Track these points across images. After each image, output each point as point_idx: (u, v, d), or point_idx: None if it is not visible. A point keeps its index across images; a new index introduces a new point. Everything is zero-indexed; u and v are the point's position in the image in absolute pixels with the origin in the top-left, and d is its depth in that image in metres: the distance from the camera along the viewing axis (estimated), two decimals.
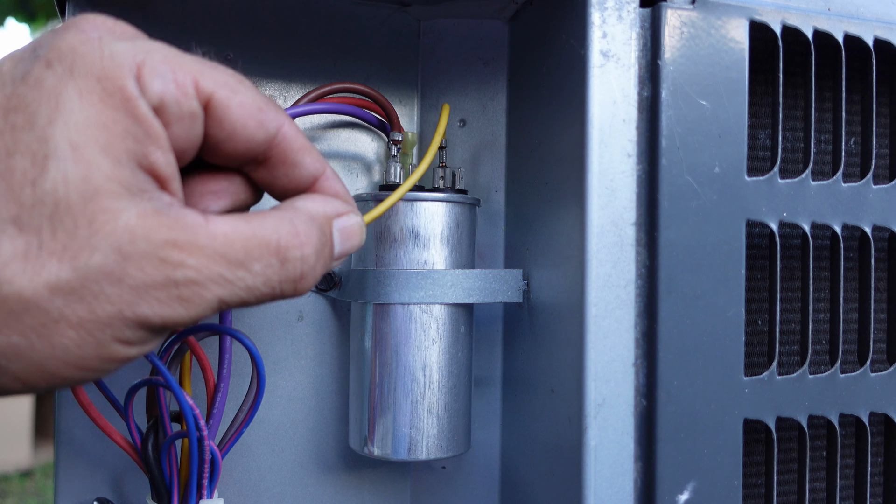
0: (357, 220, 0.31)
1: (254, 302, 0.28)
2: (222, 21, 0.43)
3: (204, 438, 0.34)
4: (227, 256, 0.26)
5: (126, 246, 0.25)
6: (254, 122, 0.29)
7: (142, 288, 0.25)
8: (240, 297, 0.27)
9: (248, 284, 0.27)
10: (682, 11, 0.36)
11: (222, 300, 0.27)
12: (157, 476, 0.36)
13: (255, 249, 0.27)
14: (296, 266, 0.28)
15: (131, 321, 0.25)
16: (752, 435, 0.39)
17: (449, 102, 0.46)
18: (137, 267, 0.25)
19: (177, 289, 0.26)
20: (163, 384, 0.34)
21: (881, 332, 0.43)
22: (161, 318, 0.26)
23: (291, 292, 0.29)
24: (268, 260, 0.27)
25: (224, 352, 0.37)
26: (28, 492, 2.61)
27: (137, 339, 0.26)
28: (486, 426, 0.46)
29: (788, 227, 0.38)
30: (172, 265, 0.26)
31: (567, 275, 0.37)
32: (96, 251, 0.25)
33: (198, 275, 0.26)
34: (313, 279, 0.29)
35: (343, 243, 0.31)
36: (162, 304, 0.26)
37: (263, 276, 0.27)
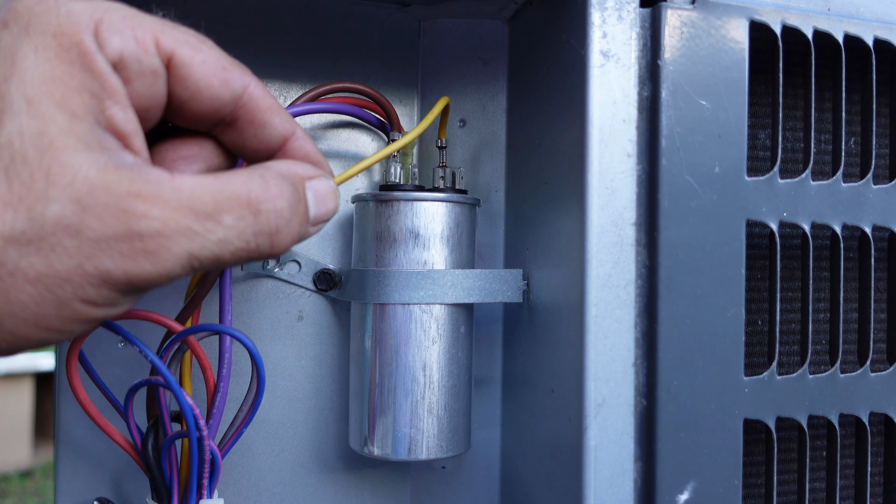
0: (330, 184, 0.31)
1: (229, 259, 0.27)
2: (222, 21, 0.43)
3: (204, 438, 0.34)
4: (194, 208, 0.26)
5: (85, 197, 0.24)
6: (218, 80, 0.28)
7: (102, 240, 0.24)
8: (212, 251, 0.26)
9: (220, 237, 0.26)
10: (682, 11, 0.36)
11: (192, 255, 0.25)
12: (157, 476, 0.36)
13: (225, 202, 0.26)
14: (270, 219, 0.27)
15: (93, 276, 0.24)
16: (752, 435, 0.39)
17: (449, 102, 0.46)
18: (97, 218, 0.24)
19: (141, 241, 0.25)
20: (163, 384, 0.34)
21: (881, 332, 0.43)
22: (125, 273, 0.25)
23: (268, 248, 0.27)
24: (239, 212, 0.26)
25: (224, 352, 0.37)
26: (28, 492, 2.61)
27: (102, 299, 0.25)
28: (486, 426, 0.46)
29: (788, 227, 0.38)
30: (135, 216, 0.25)
31: (567, 275, 0.37)
32: (53, 202, 0.24)
33: (163, 226, 0.25)
34: (290, 236, 0.28)
35: (318, 206, 0.30)
36: (125, 258, 0.25)
37: (236, 228, 0.26)
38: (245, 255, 0.27)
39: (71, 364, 0.34)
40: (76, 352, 0.34)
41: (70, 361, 0.34)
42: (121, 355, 0.41)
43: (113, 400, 0.37)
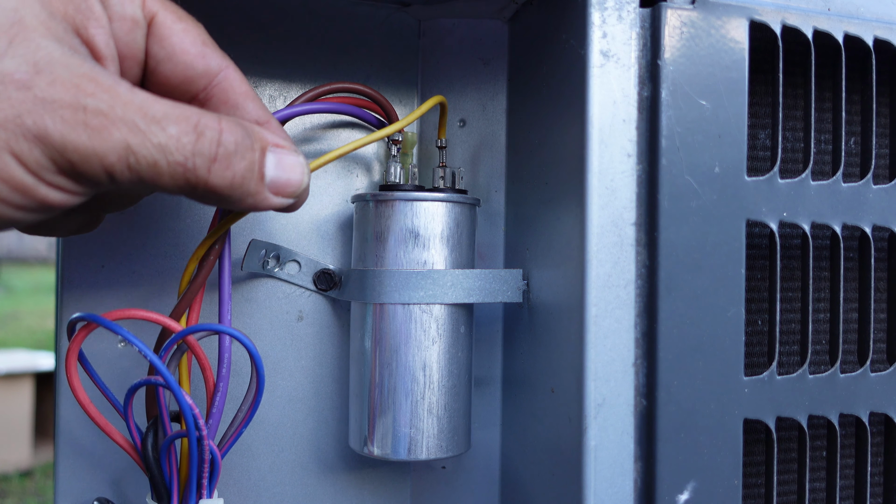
0: (299, 158, 0.31)
1: (166, 171, 0.27)
2: (222, 21, 0.43)
3: (203, 438, 0.34)
4: (143, 109, 0.26)
5: (42, 64, 0.25)
6: (195, 49, 0.30)
7: (48, 101, 0.25)
8: (150, 153, 0.26)
9: (161, 142, 0.26)
10: (682, 11, 0.36)
11: (130, 147, 0.26)
12: (157, 476, 0.36)
13: (174, 116, 0.27)
14: (211, 145, 0.28)
15: (29, 130, 0.25)
16: (752, 435, 0.39)
17: (449, 102, 0.46)
18: (48, 83, 0.25)
19: (84, 113, 0.25)
20: (162, 384, 0.34)
21: (881, 332, 0.43)
22: (61, 136, 0.25)
23: (205, 174, 0.28)
24: (184, 128, 0.27)
25: (223, 351, 0.37)
26: (28, 492, 2.61)
27: (33, 160, 0.25)
28: (486, 426, 0.46)
29: (788, 227, 0.38)
30: (85, 92, 0.25)
31: (567, 275, 0.37)
32: (10, 58, 0.25)
33: (109, 110, 0.26)
34: (230, 174, 0.28)
35: (279, 171, 0.30)
36: (65, 123, 0.25)
37: (177, 140, 0.27)
38: (181, 174, 0.27)
39: (70, 364, 0.34)
40: (76, 352, 0.34)
41: (69, 361, 0.34)
42: (121, 355, 0.41)
43: (112, 400, 0.37)
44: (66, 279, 0.41)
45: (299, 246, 0.44)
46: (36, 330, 4.70)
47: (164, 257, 0.42)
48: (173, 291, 0.42)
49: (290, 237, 0.44)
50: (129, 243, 0.42)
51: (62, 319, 0.41)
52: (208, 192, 0.28)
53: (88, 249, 0.41)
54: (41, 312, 5.27)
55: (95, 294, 0.41)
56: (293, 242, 0.44)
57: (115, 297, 0.42)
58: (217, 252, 0.37)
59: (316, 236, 0.45)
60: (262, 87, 0.44)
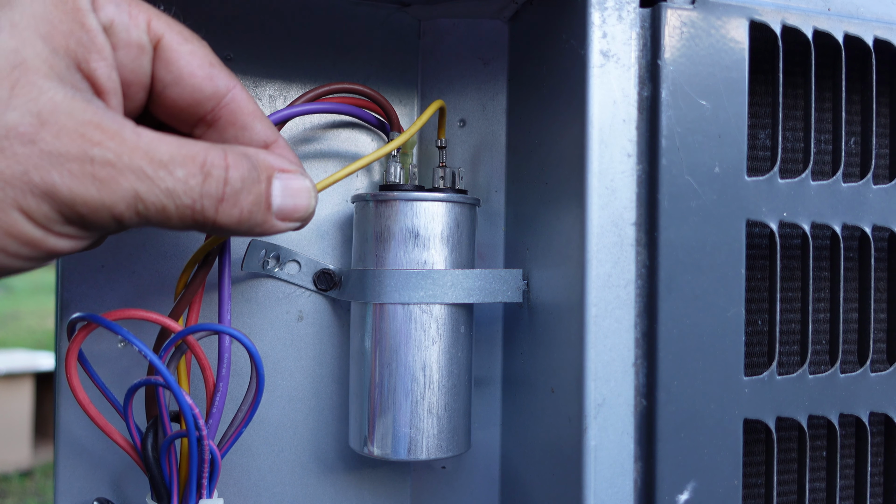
0: (305, 182, 0.31)
1: (174, 215, 0.27)
2: (222, 21, 0.43)
3: (203, 438, 0.34)
4: (149, 154, 0.26)
5: (46, 114, 0.25)
6: (203, 72, 0.30)
7: (55, 155, 0.25)
8: (159, 198, 0.26)
9: (168, 187, 0.26)
10: (682, 11, 0.36)
11: (139, 195, 0.26)
12: (157, 476, 0.36)
13: (180, 157, 0.27)
14: (218, 185, 0.28)
15: (37, 186, 0.25)
16: (752, 435, 0.39)
17: (449, 102, 0.46)
18: (54, 135, 0.25)
19: (91, 165, 0.25)
20: (162, 384, 0.34)
21: (881, 332, 0.43)
22: (70, 191, 0.25)
23: (212, 215, 0.28)
24: (192, 170, 0.27)
25: (223, 351, 0.37)
26: (28, 492, 2.61)
27: (41, 215, 0.25)
28: (486, 426, 0.46)
29: (788, 227, 0.38)
30: (91, 142, 0.25)
31: (567, 275, 0.37)
32: (13, 110, 0.25)
33: (116, 159, 0.25)
34: (237, 212, 0.28)
35: (286, 198, 0.30)
36: (73, 177, 0.25)
37: (185, 183, 0.27)
38: (189, 216, 0.27)
39: (70, 364, 0.34)
40: (75, 352, 0.34)
41: (69, 361, 0.34)
42: (121, 355, 0.41)
43: (112, 400, 0.37)
44: (66, 279, 0.41)
45: (299, 246, 0.44)
46: (36, 330, 4.70)
47: (164, 257, 0.42)
48: (173, 292, 0.42)
49: (290, 237, 0.44)
50: (129, 243, 0.42)
51: (62, 319, 0.41)
52: (216, 230, 0.28)
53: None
54: (41, 312, 5.27)
55: (95, 294, 0.41)
56: (293, 242, 0.44)
57: (115, 297, 0.42)
58: (217, 253, 0.37)
59: (316, 236, 0.45)
60: (262, 86, 0.44)
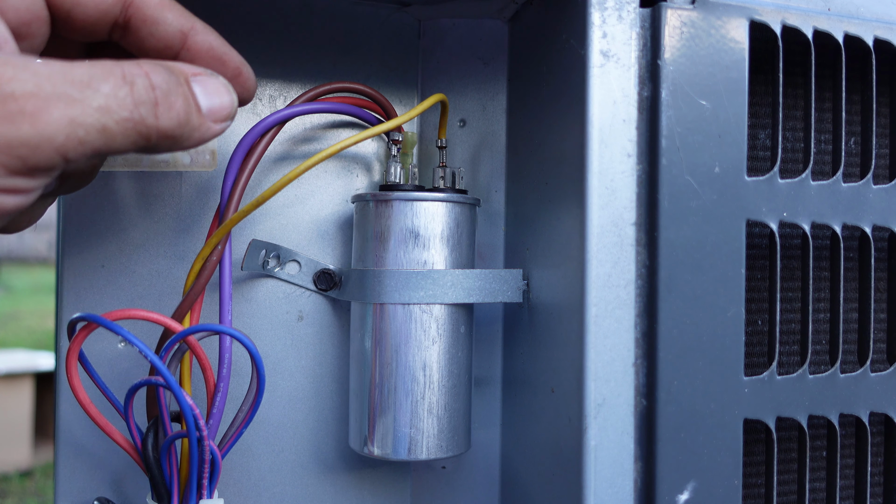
0: (218, 79, 0.30)
1: (119, 133, 0.26)
2: (222, 21, 0.43)
3: (204, 439, 0.34)
4: (68, 76, 0.25)
5: None
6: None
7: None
8: (95, 119, 0.25)
9: (100, 104, 0.25)
10: (682, 11, 0.36)
11: (74, 120, 0.24)
12: (158, 476, 0.36)
13: (99, 74, 0.26)
14: (146, 90, 0.27)
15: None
16: (752, 435, 0.39)
17: (449, 102, 0.46)
18: None
19: (14, 102, 0.23)
20: (163, 385, 0.34)
21: (881, 332, 0.43)
22: (3, 136, 0.23)
23: (153, 120, 0.27)
24: (115, 82, 0.26)
25: (224, 352, 0.37)
26: (28, 492, 2.61)
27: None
28: (486, 426, 0.46)
29: (788, 227, 0.38)
30: (4, 79, 0.24)
31: (567, 275, 0.37)
32: None
33: (36, 88, 0.24)
34: (175, 114, 0.28)
35: (209, 98, 0.30)
36: (2, 121, 0.23)
37: (115, 97, 0.26)
38: (132, 128, 0.26)
39: (71, 364, 0.34)
40: (76, 352, 0.34)
41: (70, 361, 0.34)
42: (120, 355, 0.41)
43: (113, 400, 0.37)
44: (66, 279, 0.41)
45: (299, 246, 0.44)
46: (36, 330, 4.70)
47: (164, 257, 0.42)
48: (173, 292, 0.42)
49: (290, 237, 0.44)
50: (129, 243, 0.42)
51: (62, 319, 0.41)
52: (161, 138, 0.27)
53: (88, 249, 0.41)
54: (41, 312, 5.27)
55: (95, 294, 0.41)
56: (293, 242, 0.44)
57: (115, 297, 0.42)
58: (219, 253, 0.37)
59: (316, 236, 0.45)
60: (262, 86, 0.44)
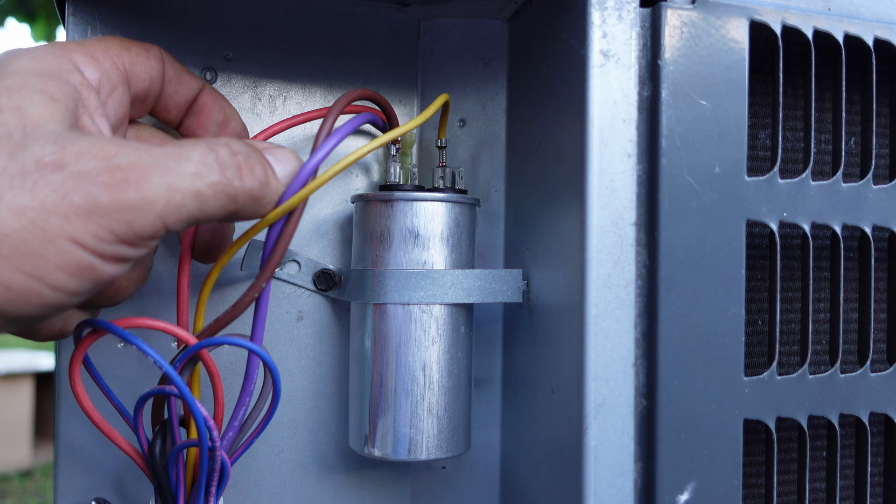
0: (284, 148, 0.32)
1: (209, 194, 0.28)
2: (222, 21, 0.43)
3: (217, 449, 0.34)
4: (162, 150, 0.27)
5: (62, 141, 0.26)
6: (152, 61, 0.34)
7: (85, 173, 0.25)
8: (190, 183, 0.27)
9: (193, 170, 0.27)
10: (682, 11, 0.36)
11: (172, 186, 0.26)
12: (164, 483, 0.35)
13: (188, 145, 0.28)
14: (230, 156, 0.29)
15: (80, 207, 0.25)
16: (752, 435, 0.39)
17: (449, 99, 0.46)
18: (77, 156, 0.25)
19: (121, 172, 0.25)
20: (176, 395, 0.33)
21: (881, 332, 0.43)
22: (112, 200, 0.25)
23: (240, 182, 0.29)
24: (202, 150, 0.28)
25: (252, 367, 0.36)
26: (28, 492, 2.61)
27: (91, 237, 0.25)
28: (486, 426, 0.46)
29: (788, 227, 0.38)
30: (111, 154, 0.26)
31: (567, 275, 0.37)
32: (33, 143, 0.25)
33: (138, 160, 0.26)
34: (256, 176, 0.29)
35: (283, 164, 0.31)
36: (110, 188, 0.25)
37: (204, 163, 0.28)
38: (222, 191, 0.28)
39: (74, 370, 0.33)
40: (80, 358, 0.33)
41: (74, 367, 0.33)
42: (120, 357, 0.41)
43: (119, 407, 0.36)
44: None
45: (299, 246, 0.44)
46: None
47: (164, 258, 0.42)
48: (173, 294, 0.42)
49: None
50: None
51: None
52: (247, 199, 0.29)
53: None
54: None
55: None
56: (293, 242, 0.44)
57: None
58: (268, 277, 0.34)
59: (316, 236, 0.45)
60: (261, 86, 0.44)
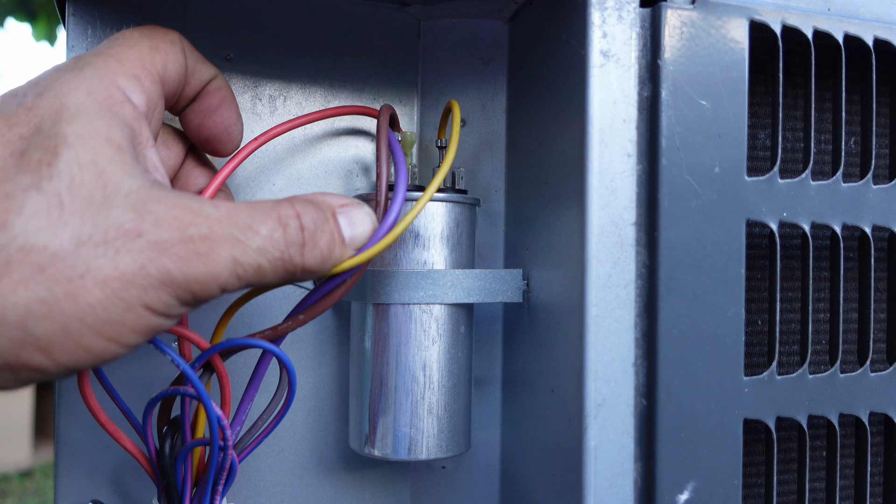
0: (364, 209, 0.33)
1: (269, 269, 0.29)
2: (222, 21, 0.43)
3: (228, 449, 0.34)
4: (233, 219, 0.28)
5: (140, 207, 0.27)
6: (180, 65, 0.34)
7: (161, 243, 0.26)
8: (253, 258, 0.28)
9: (259, 245, 0.28)
10: (682, 11, 0.36)
11: (236, 260, 0.28)
12: (172, 482, 0.35)
13: (259, 216, 0.29)
14: (297, 232, 0.30)
15: (155, 278, 0.26)
16: (752, 435, 0.40)
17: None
18: (154, 224, 0.27)
19: (193, 244, 0.27)
20: (193, 395, 0.33)
21: (881, 332, 0.43)
22: (183, 274, 0.27)
23: (300, 260, 0.30)
24: (271, 225, 0.29)
25: (262, 365, 0.36)
26: (28, 492, 2.61)
27: (161, 304, 0.27)
28: (486, 426, 0.46)
29: (788, 227, 0.38)
30: (185, 223, 0.27)
31: (567, 275, 0.37)
32: (114, 209, 0.26)
33: (210, 231, 0.27)
34: (318, 251, 0.31)
35: (353, 227, 0.32)
36: (182, 260, 0.27)
37: (271, 239, 0.29)
38: (281, 266, 0.29)
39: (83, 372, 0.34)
40: None
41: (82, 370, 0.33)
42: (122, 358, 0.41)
43: (123, 407, 0.36)
44: None
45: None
46: None
47: None
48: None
49: None
50: None
51: None
52: (305, 274, 0.31)
53: None
54: None
55: None
56: None
57: None
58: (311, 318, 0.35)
59: None
60: (262, 86, 0.44)
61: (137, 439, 0.38)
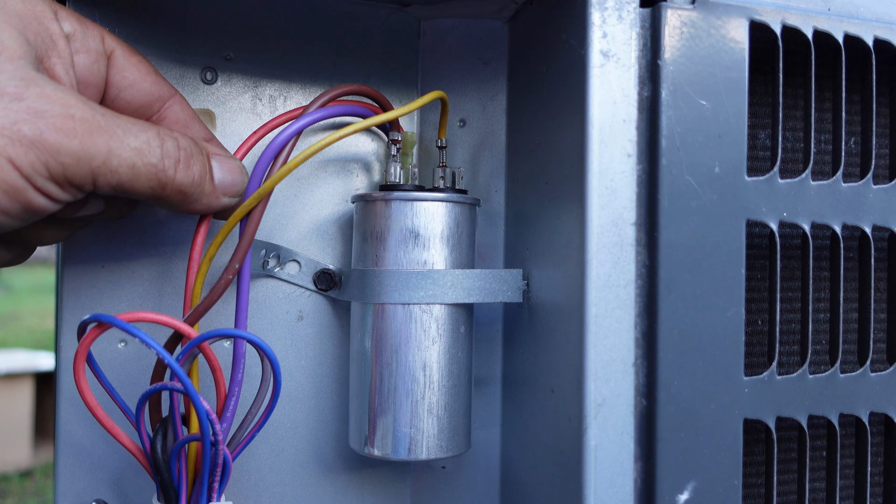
0: (237, 162, 0.36)
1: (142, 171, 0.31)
2: (223, 21, 0.43)
3: (219, 443, 0.34)
4: (118, 118, 0.31)
5: (29, 80, 0.29)
6: (151, 78, 0.36)
7: (41, 111, 0.28)
8: (129, 156, 0.30)
9: (136, 146, 0.31)
10: (682, 11, 0.36)
11: (112, 151, 0.30)
12: (167, 479, 0.35)
13: (141, 126, 0.32)
14: (174, 148, 0.32)
15: (26, 136, 0.28)
16: (752, 435, 0.40)
17: (449, 102, 0.46)
18: (38, 95, 0.29)
19: (73, 121, 0.29)
20: (180, 390, 0.33)
21: (881, 332, 0.43)
22: (56, 141, 0.28)
23: (173, 173, 0.32)
24: (151, 134, 0.32)
25: (239, 357, 0.37)
26: (28, 492, 2.61)
27: (28, 164, 0.28)
28: (486, 426, 0.46)
29: (788, 227, 0.38)
30: (69, 105, 0.29)
31: (567, 275, 0.37)
32: (2, 73, 0.28)
33: (92, 119, 0.29)
34: (191, 174, 0.33)
35: (223, 174, 0.35)
36: (58, 130, 0.28)
37: (148, 144, 0.31)
38: (154, 175, 0.32)
39: (79, 365, 0.34)
40: (84, 353, 0.34)
41: (78, 362, 0.34)
42: (120, 357, 0.41)
43: (119, 402, 0.37)
44: (66, 279, 0.41)
45: (299, 246, 0.44)
46: (36, 330, 4.70)
47: (165, 257, 0.42)
48: (174, 292, 0.42)
49: (290, 237, 0.44)
50: (129, 243, 0.42)
51: (62, 319, 0.41)
52: (174, 191, 0.33)
53: (88, 249, 0.41)
54: (41, 312, 5.27)
55: (95, 294, 0.41)
56: (293, 242, 0.44)
57: (116, 298, 0.42)
58: (242, 258, 0.37)
59: (316, 236, 0.45)
60: (262, 86, 0.44)
61: (136, 436, 0.38)
